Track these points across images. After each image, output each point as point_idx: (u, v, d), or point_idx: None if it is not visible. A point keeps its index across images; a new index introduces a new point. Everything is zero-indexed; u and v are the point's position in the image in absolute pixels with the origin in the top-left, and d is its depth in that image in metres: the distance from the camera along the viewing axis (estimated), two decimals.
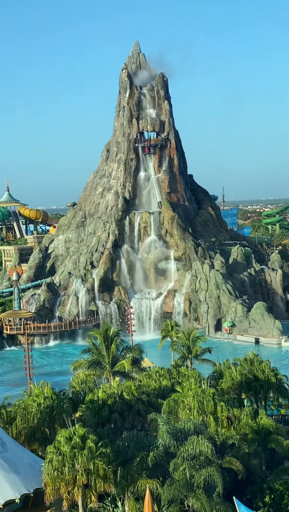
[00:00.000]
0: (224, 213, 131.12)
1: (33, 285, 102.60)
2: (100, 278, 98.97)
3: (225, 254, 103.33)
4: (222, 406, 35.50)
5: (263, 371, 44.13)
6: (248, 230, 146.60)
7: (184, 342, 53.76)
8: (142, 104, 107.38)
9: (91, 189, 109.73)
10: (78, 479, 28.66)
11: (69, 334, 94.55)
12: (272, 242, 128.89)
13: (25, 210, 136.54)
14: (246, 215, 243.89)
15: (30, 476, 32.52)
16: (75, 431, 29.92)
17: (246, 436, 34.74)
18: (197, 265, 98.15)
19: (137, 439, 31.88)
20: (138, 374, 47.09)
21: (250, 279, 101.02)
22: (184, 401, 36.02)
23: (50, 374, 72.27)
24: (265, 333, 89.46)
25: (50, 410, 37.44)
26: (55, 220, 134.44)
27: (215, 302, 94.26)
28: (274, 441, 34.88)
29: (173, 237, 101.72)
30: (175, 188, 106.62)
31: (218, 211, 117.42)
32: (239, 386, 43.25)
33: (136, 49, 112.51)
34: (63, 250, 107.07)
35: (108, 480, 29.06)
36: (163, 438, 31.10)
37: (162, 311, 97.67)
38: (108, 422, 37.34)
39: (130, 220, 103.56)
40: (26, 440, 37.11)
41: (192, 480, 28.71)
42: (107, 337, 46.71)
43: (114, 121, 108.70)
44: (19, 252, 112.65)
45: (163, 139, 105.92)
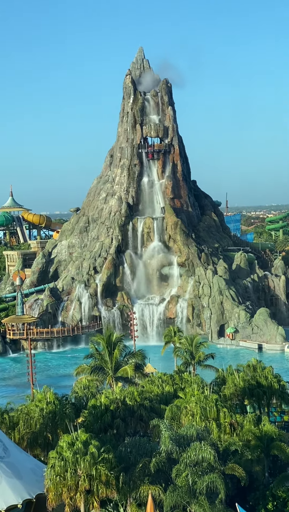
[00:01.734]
0: (227, 219, 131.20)
1: (36, 290, 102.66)
2: (103, 283, 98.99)
3: (228, 260, 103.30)
4: (224, 412, 35.45)
5: (266, 377, 44.04)
6: (251, 236, 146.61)
7: (187, 348, 53.69)
8: (146, 110, 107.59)
9: (95, 195, 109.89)
10: (80, 484, 28.61)
11: (72, 339, 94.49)
12: (275, 248, 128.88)
13: (28, 215, 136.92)
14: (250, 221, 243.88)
15: (32, 482, 32.45)
16: (78, 436, 29.89)
17: (249, 442, 34.68)
18: (200, 271, 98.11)
19: (140, 445, 31.84)
20: (141, 380, 47.04)
21: (253, 285, 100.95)
22: (186, 407, 35.98)
23: (53, 379, 72.24)
24: (268, 339, 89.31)
25: (53, 415, 37.40)
26: (58, 225, 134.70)
27: (218, 308, 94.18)
28: (277, 447, 34.80)
29: (176, 243, 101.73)
30: (179, 193, 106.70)
31: (221, 217, 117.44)
32: (242, 392, 43.17)
33: (140, 55, 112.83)
34: (66, 255, 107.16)
35: (110, 486, 28.99)
36: (165, 444, 31.04)
37: (165, 316, 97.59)
38: (110, 427, 37.30)
39: (134, 225, 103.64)
40: (29, 445, 37.06)
41: (194, 487, 28.64)
42: (110, 342, 46.66)
43: (118, 127, 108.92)
44: (22, 257, 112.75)
45: (167, 145, 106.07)
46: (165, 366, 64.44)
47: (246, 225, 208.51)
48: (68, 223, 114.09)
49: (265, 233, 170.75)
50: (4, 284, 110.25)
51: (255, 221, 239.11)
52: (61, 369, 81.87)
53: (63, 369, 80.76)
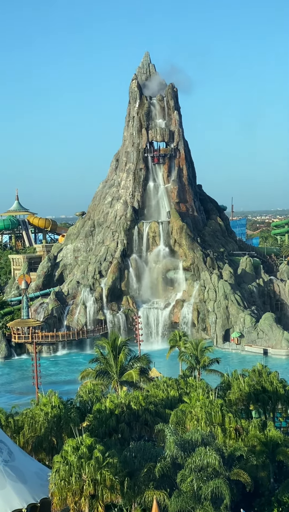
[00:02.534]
0: (233, 223, 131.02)
1: (41, 294, 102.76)
2: (108, 287, 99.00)
3: (234, 265, 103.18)
4: (230, 417, 35.34)
5: (271, 383, 43.92)
6: (257, 241, 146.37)
7: (192, 352, 53.64)
8: (152, 114, 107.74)
9: (100, 199, 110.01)
10: (85, 489, 28.55)
11: (77, 343, 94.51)
12: (281, 252, 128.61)
13: (34, 219, 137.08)
14: (255, 225, 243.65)
15: (37, 486, 32.42)
16: (82, 440, 29.84)
17: (254, 448, 34.56)
18: (205, 275, 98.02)
19: (144, 450, 31.78)
20: (146, 384, 46.99)
21: (258, 289, 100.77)
22: (191, 412, 35.89)
23: (58, 383, 72.24)
24: (273, 344, 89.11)
25: (58, 419, 37.36)
26: (64, 229, 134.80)
27: (224, 313, 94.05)
28: (283, 453, 34.66)
29: (182, 247, 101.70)
30: (184, 198, 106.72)
31: (227, 221, 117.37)
32: (247, 397, 43.05)
33: (146, 60, 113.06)
34: (71, 259, 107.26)
35: (115, 491, 28.92)
36: (170, 449, 30.98)
37: (170, 321, 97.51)
38: (115, 432, 37.24)
39: (139, 229, 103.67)
40: (33, 449, 37.02)
41: (199, 492, 28.55)
42: (115, 346, 46.65)
43: (124, 131, 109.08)
44: (28, 261, 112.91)
45: (173, 149, 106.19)
46: (170, 371, 64.39)
47: (251, 230, 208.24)
48: (73, 227, 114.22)
49: (271, 238, 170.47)
50: (10, 287, 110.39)
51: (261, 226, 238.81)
52: (66, 373, 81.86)
53: (68, 373, 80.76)
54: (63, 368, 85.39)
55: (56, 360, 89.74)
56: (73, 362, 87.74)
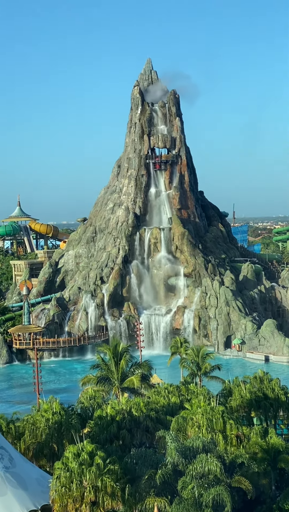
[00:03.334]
0: (234, 229, 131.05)
1: (42, 299, 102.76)
2: (110, 293, 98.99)
3: (235, 271, 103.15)
4: (231, 424, 35.26)
5: (273, 389, 43.84)
6: (258, 247, 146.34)
7: (193, 359, 53.60)
8: (154, 121, 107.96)
9: (102, 205, 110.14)
10: (86, 496, 28.47)
11: (78, 349, 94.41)
12: (282, 259, 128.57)
13: (36, 225, 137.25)
14: (257, 232, 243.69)
15: (37, 492, 32.34)
16: (83, 447, 29.78)
17: (256, 455, 34.45)
18: (207, 282, 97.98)
19: (145, 456, 31.70)
20: (147, 391, 46.93)
21: (260, 296, 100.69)
22: (193, 419, 35.81)
23: (59, 390, 72.18)
24: (275, 351, 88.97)
25: (59, 425, 37.31)
26: (65, 235, 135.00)
27: (225, 319, 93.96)
28: (284, 460, 34.56)
29: (183, 254, 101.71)
30: (186, 204, 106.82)
31: (228, 228, 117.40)
32: (248, 404, 42.97)
33: (148, 66, 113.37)
34: (73, 265, 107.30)
35: (116, 498, 28.84)
36: (171, 455, 30.90)
37: (171, 327, 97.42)
38: (116, 438, 37.17)
39: (141, 236, 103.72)
40: (34, 456, 36.96)
41: (200, 499, 28.45)
42: (116, 353, 46.62)
43: (126, 137, 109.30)
44: (29, 267, 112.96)
45: (174, 156, 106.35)
46: (171, 377, 64.28)
47: (253, 236, 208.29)
48: (75, 233, 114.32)
49: (272, 244, 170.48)
50: (11, 293, 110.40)
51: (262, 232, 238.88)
52: (67, 379, 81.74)
53: (69, 380, 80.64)
54: (64, 374, 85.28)
55: (57, 366, 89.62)
56: (74, 368, 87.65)
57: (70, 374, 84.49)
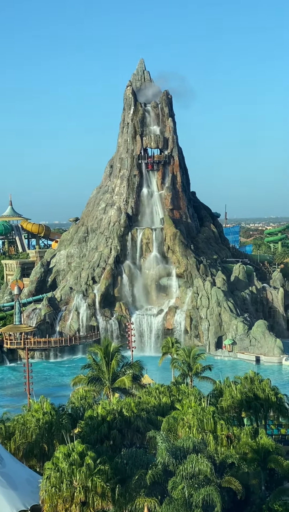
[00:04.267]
0: (226, 230, 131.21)
1: (34, 299, 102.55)
2: (101, 293, 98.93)
3: (227, 272, 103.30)
4: (221, 424, 35.33)
5: (263, 390, 43.93)
6: (250, 248, 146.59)
7: (184, 359, 53.65)
8: (146, 121, 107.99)
9: (94, 205, 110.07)
10: (76, 496, 28.46)
11: (69, 349, 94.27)
12: (274, 260, 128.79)
13: (27, 225, 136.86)
14: (248, 233, 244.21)
15: (27, 492, 32.29)
16: (74, 447, 29.76)
17: (246, 455, 34.54)
18: (198, 282, 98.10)
19: (136, 457, 31.71)
20: (138, 391, 46.91)
21: (251, 297, 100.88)
22: (183, 419, 35.86)
23: (50, 389, 71.99)
24: (266, 351, 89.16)
25: (49, 425, 37.25)
26: (57, 235, 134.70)
27: (216, 320, 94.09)
28: (274, 461, 34.69)
29: (175, 254, 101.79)
30: (178, 205, 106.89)
31: (220, 229, 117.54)
32: (239, 404, 43.04)
33: (141, 66, 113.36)
34: (64, 265, 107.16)
35: (106, 498, 28.84)
36: (162, 456, 30.92)
37: (163, 327, 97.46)
38: (107, 438, 37.16)
39: (132, 236, 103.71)
40: (24, 456, 36.88)
41: (190, 499, 28.49)
42: (108, 353, 46.61)
43: (118, 138, 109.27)
44: (20, 266, 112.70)
45: (167, 156, 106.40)
46: (162, 377, 64.26)
47: (245, 237, 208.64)
48: (67, 233, 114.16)
49: (264, 245, 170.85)
50: (2, 293, 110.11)
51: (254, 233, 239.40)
52: (58, 379, 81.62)
53: (60, 379, 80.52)
54: (55, 374, 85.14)
55: (48, 366, 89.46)
56: (65, 368, 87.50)
57: (61, 374, 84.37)
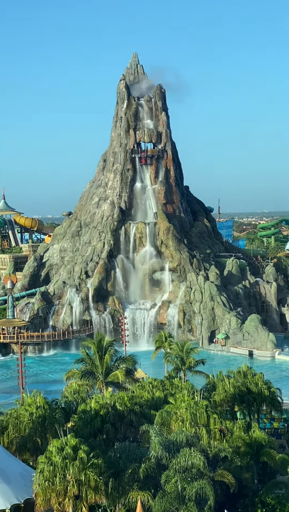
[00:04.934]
0: (219, 225, 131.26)
1: (27, 293, 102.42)
2: (95, 288, 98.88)
3: (220, 266, 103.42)
4: (214, 418, 35.43)
5: (256, 384, 44.04)
6: (243, 242, 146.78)
7: (177, 353, 53.70)
8: (140, 115, 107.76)
9: (87, 199, 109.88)
10: (69, 490, 28.50)
11: (62, 343, 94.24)
12: (267, 254, 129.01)
13: (20, 219, 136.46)
14: (242, 227, 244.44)
15: (20, 486, 32.32)
16: (67, 441, 29.79)
17: (239, 449, 34.68)
18: (191, 277, 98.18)
19: (129, 451, 31.78)
20: (131, 385, 46.97)
21: (244, 291, 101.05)
22: (176, 413, 35.94)
23: (43, 384, 71.98)
24: (259, 345, 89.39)
25: (42, 419, 37.27)
26: (50, 229, 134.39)
27: (209, 314, 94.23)
28: (267, 454, 34.84)
29: (168, 248, 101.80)
30: (171, 199, 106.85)
31: (213, 223, 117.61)
32: (232, 398, 43.14)
33: (135, 60, 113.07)
34: (58, 259, 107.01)
35: (99, 492, 28.90)
36: (155, 449, 31.00)
37: (156, 322, 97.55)
38: (100, 432, 37.21)
39: (126, 230, 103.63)
40: (18, 450, 36.90)
41: (183, 493, 28.59)
42: (101, 347, 46.63)
43: (111, 131, 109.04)
44: (14, 261, 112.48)
45: (160, 150, 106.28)
46: (155, 372, 64.37)
47: (238, 231, 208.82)
48: (60, 227, 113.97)
49: (257, 240, 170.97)
50: None
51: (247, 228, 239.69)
52: (51, 373, 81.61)
53: (53, 374, 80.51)
54: (48, 368, 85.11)
55: (41, 361, 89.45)
56: (59, 362, 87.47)
57: (54, 368, 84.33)
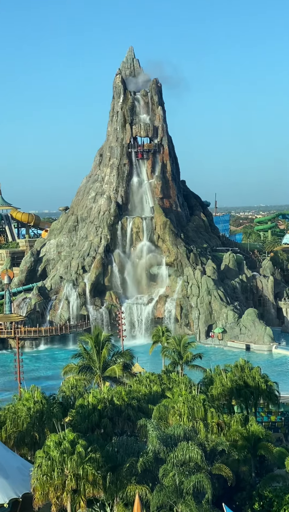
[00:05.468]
0: (216, 219, 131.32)
1: (24, 289, 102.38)
2: (92, 282, 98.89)
3: (217, 260, 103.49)
4: (212, 412, 35.52)
5: (253, 378, 44.16)
6: (240, 237, 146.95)
7: (175, 347, 53.77)
8: (136, 110, 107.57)
9: (84, 194, 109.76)
10: (67, 484, 28.57)
11: (59, 338, 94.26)
12: (264, 248, 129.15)
13: (17, 214, 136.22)
14: (238, 221, 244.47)
15: (19, 481, 32.41)
16: (65, 436, 29.85)
17: (236, 442, 34.80)
18: (188, 271, 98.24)
19: (127, 445, 31.86)
20: (129, 380, 47.04)
21: (241, 285, 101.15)
22: (174, 407, 36.02)
23: (40, 379, 72.06)
24: (256, 339, 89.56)
25: (40, 414, 37.33)
26: (47, 224, 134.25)
27: (206, 308, 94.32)
28: (264, 448, 34.98)
29: (165, 243, 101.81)
30: (168, 193, 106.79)
31: (210, 217, 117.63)
32: (229, 392, 43.26)
33: (131, 54, 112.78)
34: (54, 254, 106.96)
35: (97, 486, 28.98)
36: (153, 443, 31.08)
37: (153, 316, 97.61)
38: (98, 427, 37.28)
39: (123, 225, 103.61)
40: (16, 444, 36.97)
41: (181, 486, 28.69)
42: (98, 342, 46.64)
43: (108, 126, 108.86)
44: (10, 256, 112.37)
45: (156, 145, 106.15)
46: (153, 366, 64.48)
47: (234, 226, 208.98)
48: (56, 222, 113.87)
49: (254, 234, 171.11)
50: None
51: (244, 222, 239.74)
52: (49, 368, 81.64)
53: (51, 369, 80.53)
54: (45, 363, 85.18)
55: (38, 356, 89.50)
56: (56, 357, 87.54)
57: (52, 363, 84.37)
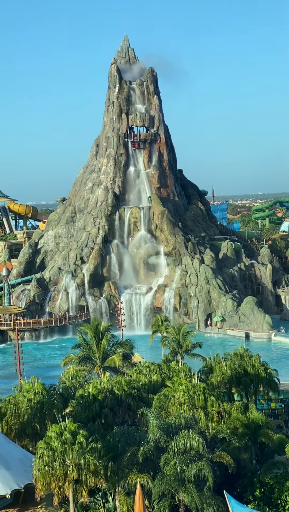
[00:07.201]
0: (214, 208, 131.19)
1: (23, 280, 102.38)
2: (90, 273, 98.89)
3: (215, 249, 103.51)
4: (212, 400, 35.61)
5: (253, 366, 44.28)
6: (238, 225, 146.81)
7: (174, 337, 53.87)
8: (132, 99, 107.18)
9: (81, 184, 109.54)
10: (69, 474, 28.67)
11: (59, 329, 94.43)
12: (261, 236, 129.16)
13: (14, 205, 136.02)
14: (236, 210, 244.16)
15: (21, 472, 32.56)
16: (66, 426, 29.92)
17: (236, 430, 34.91)
18: (187, 260, 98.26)
19: (128, 434, 31.95)
20: (129, 369, 47.14)
21: (240, 273, 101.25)
22: (174, 396, 36.11)
23: (41, 370, 72.19)
24: (255, 327, 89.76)
25: (41, 405, 37.42)
26: (44, 216, 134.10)
27: (205, 297, 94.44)
28: (264, 435, 35.11)
29: (163, 232, 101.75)
30: (165, 183, 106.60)
31: (208, 206, 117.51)
32: (229, 380, 43.38)
33: (126, 44, 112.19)
34: (53, 245, 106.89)
35: (98, 475, 29.08)
36: (153, 433, 31.17)
37: (152, 306, 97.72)
38: (98, 417, 37.37)
39: (120, 215, 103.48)
40: (17, 436, 37.07)
41: (182, 475, 28.81)
42: (98, 332, 46.69)
43: (104, 116, 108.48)
44: (8, 248, 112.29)
45: (153, 134, 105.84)
46: (152, 355, 64.61)
47: (232, 214, 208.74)
48: (54, 213, 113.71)
49: (252, 222, 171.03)
50: None
51: (242, 210, 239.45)
52: (49, 359, 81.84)
53: (51, 360, 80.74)
54: (45, 354, 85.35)
55: (38, 347, 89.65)
56: (56, 348, 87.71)
57: (52, 354, 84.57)
